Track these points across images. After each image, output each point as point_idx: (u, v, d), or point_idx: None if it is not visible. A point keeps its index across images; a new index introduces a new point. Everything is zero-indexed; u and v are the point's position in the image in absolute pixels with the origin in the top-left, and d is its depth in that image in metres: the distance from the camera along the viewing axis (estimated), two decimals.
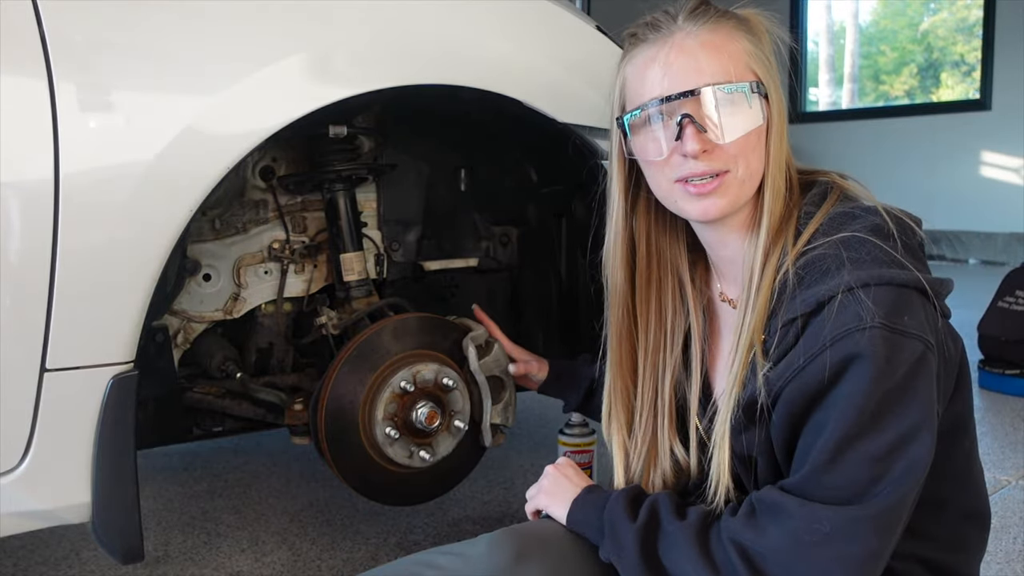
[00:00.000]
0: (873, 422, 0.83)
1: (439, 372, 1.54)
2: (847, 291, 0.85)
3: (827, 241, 0.91)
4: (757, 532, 0.86)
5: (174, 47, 1.16)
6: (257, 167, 1.66)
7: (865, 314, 0.83)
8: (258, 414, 1.64)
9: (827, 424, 0.85)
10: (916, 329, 0.85)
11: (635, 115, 0.98)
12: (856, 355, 0.83)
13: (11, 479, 1.12)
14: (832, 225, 0.93)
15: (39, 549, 1.77)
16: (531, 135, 1.66)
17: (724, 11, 0.98)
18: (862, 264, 0.87)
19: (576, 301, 1.83)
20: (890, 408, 0.83)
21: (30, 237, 1.08)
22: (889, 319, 0.84)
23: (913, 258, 0.91)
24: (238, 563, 1.71)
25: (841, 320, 0.84)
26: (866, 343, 0.83)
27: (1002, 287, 3.06)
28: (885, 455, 0.83)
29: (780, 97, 0.97)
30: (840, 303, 0.85)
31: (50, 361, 1.10)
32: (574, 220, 1.79)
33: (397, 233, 1.81)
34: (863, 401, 0.83)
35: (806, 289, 0.89)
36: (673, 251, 1.09)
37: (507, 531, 1.02)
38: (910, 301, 0.86)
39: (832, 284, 0.87)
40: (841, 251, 0.89)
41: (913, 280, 0.87)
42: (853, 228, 0.91)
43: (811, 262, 0.91)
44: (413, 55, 1.34)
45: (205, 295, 1.65)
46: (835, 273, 0.87)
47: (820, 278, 0.88)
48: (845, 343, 0.83)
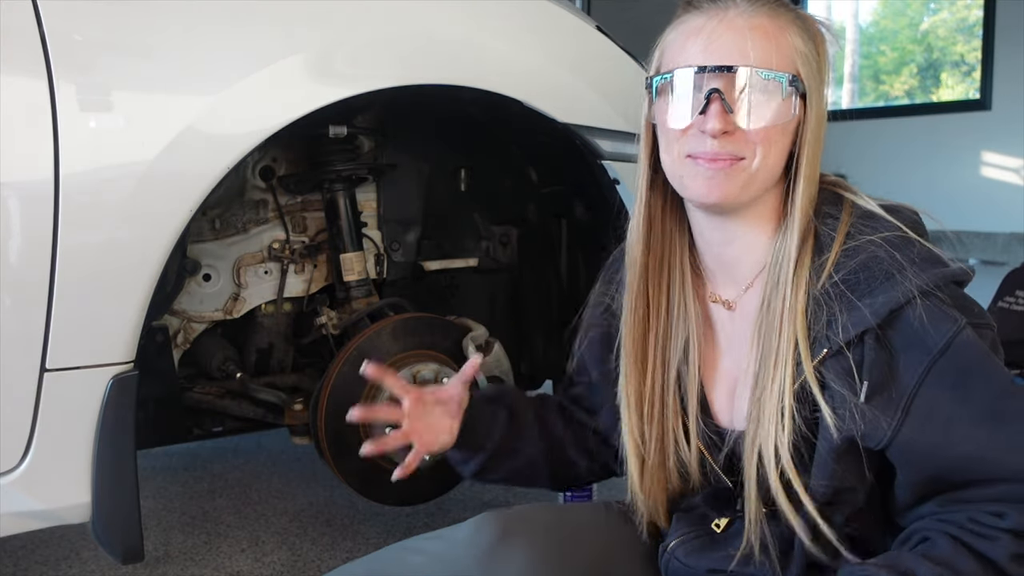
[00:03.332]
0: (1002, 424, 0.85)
1: (439, 372, 1.54)
2: (923, 294, 0.85)
3: (869, 241, 0.88)
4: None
5: (174, 47, 1.16)
6: (257, 167, 1.66)
7: (954, 314, 0.86)
8: (258, 414, 1.65)
9: (985, 434, 0.85)
10: (984, 317, 0.90)
11: (665, 78, 0.93)
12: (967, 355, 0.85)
13: (11, 479, 1.12)
14: (865, 224, 0.90)
15: (39, 549, 1.77)
16: (531, 135, 1.66)
17: (786, 4, 0.93)
18: (920, 265, 0.86)
19: (576, 301, 1.83)
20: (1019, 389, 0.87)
21: (30, 237, 1.08)
22: (968, 314, 0.87)
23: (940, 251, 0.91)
24: (238, 563, 1.71)
25: (936, 327, 0.85)
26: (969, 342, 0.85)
27: (1002, 287, 3.05)
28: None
29: (821, 105, 0.94)
30: (924, 307, 0.84)
31: (50, 361, 1.10)
32: (574, 220, 1.79)
33: (397, 233, 1.81)
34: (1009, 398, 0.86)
35: (869, 296, 0.86)
36: (682, 239, 1.03)
37: (491, 513, 1.02)
38: (965, 293, 0.91)
39: (902, 289, 0.85)
40: (892, 252, 0.87)
41: (961, 273, 0.89)
42: (891, 226, 0.90)
43: (862, 266, 0.87)
44: (413, 55, 1.34)
45: (205, 295, 1.65)
46: (899, 277, 0.85)
47: (881, 283, 0.86)
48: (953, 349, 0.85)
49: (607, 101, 1.51)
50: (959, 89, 7.18)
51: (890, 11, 8.16)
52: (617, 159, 1.52)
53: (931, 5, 7.69)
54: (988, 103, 6.29)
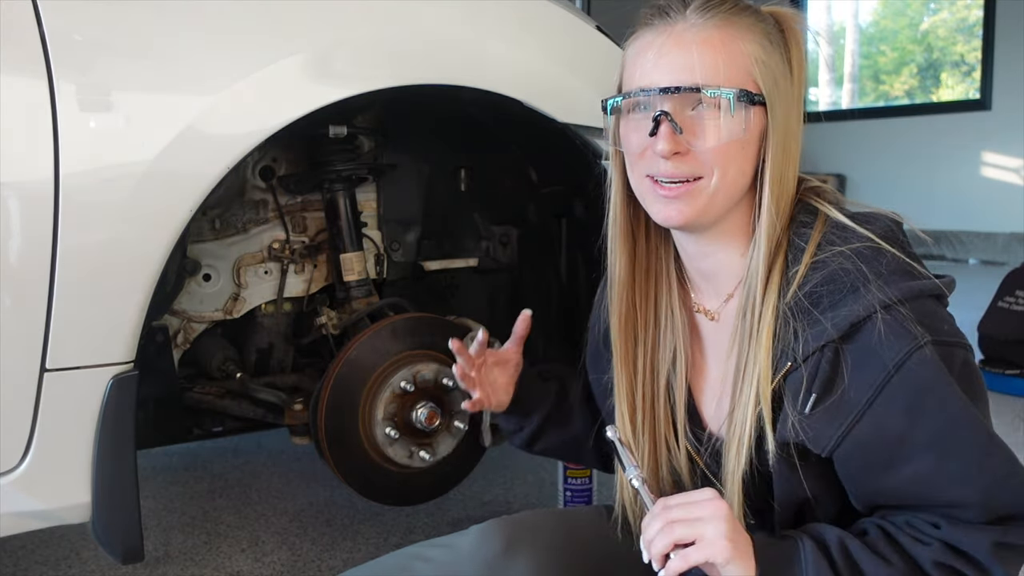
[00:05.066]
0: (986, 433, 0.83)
1: (439, 372, 1.54)
2: (885, 308, 0.81)
3: (839, 253, 0.86)
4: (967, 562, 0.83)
5: (174, 47, 1.16)
6: (257, 167, 1.66)
7: (916, 331, 0.81)
8: (258, 414, 1.65)
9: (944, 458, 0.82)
10: (956, 335, 0.84)
11: (618, 101, 0.93)
12: (924, 375, 0.81)
13: (11, 479, 1.12)
14: (837, 235, 0.88)
15: (39, 549, 1.77)
16: (531, 135, 1.66)
17: (745, 7, 0.90)
18: (888, 277, 0.83)
19: (576, 301, 1.83)
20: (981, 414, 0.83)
21: (30, 237, 1.08)
22: (935, 332, 0.82)
23: (915, 260, 0.88)
24: (238, 563, 1.71)
25: (893, 343, 0.81)
26: (928, 360, 0.80)
27: (1002, 287, 3.06)
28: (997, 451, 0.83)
29: (791, 110, 0.90)
30: (884, 323, 0.81)
31: (50, 361, 1.10)
32: (574, 220, 1.79)
33: (397, 233, 1.81)
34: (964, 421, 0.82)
35: (832, 309, 0.84)
36: (667, 250, 1.03)
37: (496, 521, 1.02)
38: (940, 309, 0.85)
39: (864, 303, 0.82)
40: (860, 264, 0.84)
41: (933, 287, 0.85)
42: (862, 238, 0.87)
43: (828, 278, 0.85)
44: (413, 55, 1.34)
45: (205, 295, 1.65)
46: (863, 290, 0.83)
47: (846, 296, 0.84)
48: (908, 367, 0.80)
49: None
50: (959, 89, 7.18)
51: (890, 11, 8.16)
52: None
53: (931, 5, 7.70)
54: (988, 103, 6.29)
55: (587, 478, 1.73)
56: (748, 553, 0.84)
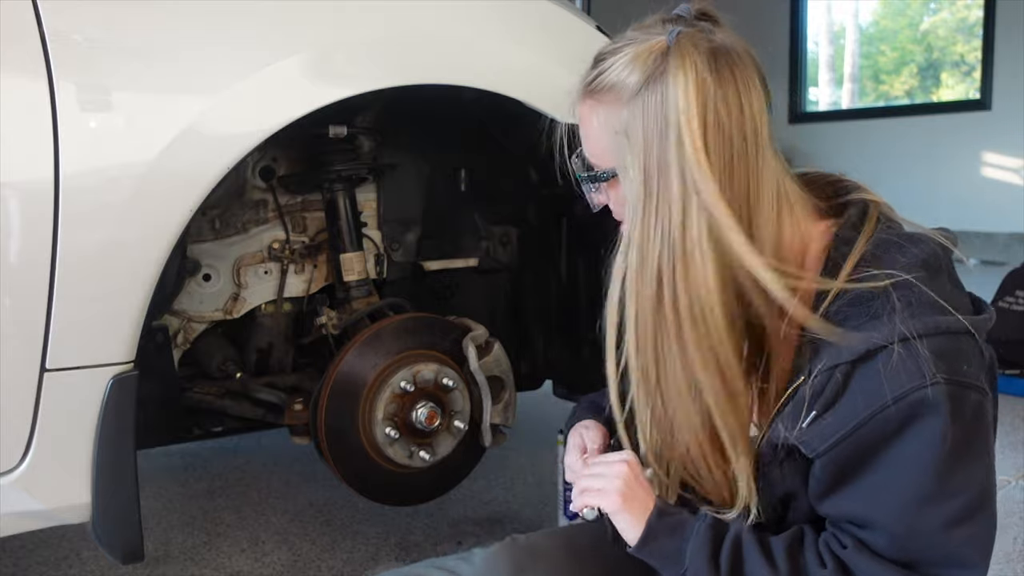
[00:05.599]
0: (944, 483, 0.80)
1: (439, 372, 1.54)
2: (903, 341, 0.79)
3: (872, 276, 0.84)
4: None
5: (174, 47, 1.16)
6: (257, 167, 1.66)
7: (927, 369, 0.78)
8: (258, 414, 1.65)
9: (893, 488, 0.81)
10: (974, 379, 0.81)
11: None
12: (922, 414, 0.78)
13: (11, 479, 1.12)
14: (877, 255, 0.86)
15: (39, 549, 1.77)
16: (531, 135, 1.66)
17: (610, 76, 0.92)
18: (915, 310, 0.81)
19: (576, 301, 1.83)
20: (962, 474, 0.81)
21: (30, 237, 1.08)
22: (951, 372, 0.79)
23: (961, 292, 0.87)
24: (238, 563, 1.71)
25: (900, 376, 0.79)
26: (931, 401, 0.78)
27: (1002, 287, 3.06)
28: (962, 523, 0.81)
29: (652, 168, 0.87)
30: (897, 355, 0.79)
31: (50, 361, 1.10)
32: (574, 220, 1.79)
33: (397, 233, 1.81)
34: (934, 465, 0.79)
35: (852, 332, 0.83)
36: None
37: (502, 546, 1.01)
38: (965, 348, 0.82)
39: (885, 332, 0.80)
40: (891, 291, 0.82)
41: (960, 325, 0.82)
42: (902, 263, 0.85)
43: (857, 300, 0.84)
44: (413, 55, 1.34)
45: (205, 295, 1.64)
46: (887, 319, 0.81)
47: (868, 322, 0.82)
48: (909, 402, 0.78)
49: None
50: (959, 89, 7.18)
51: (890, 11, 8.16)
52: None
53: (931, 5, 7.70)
54: (988, 103, 6.29)
55: None
56: (639, 511, 0.91)
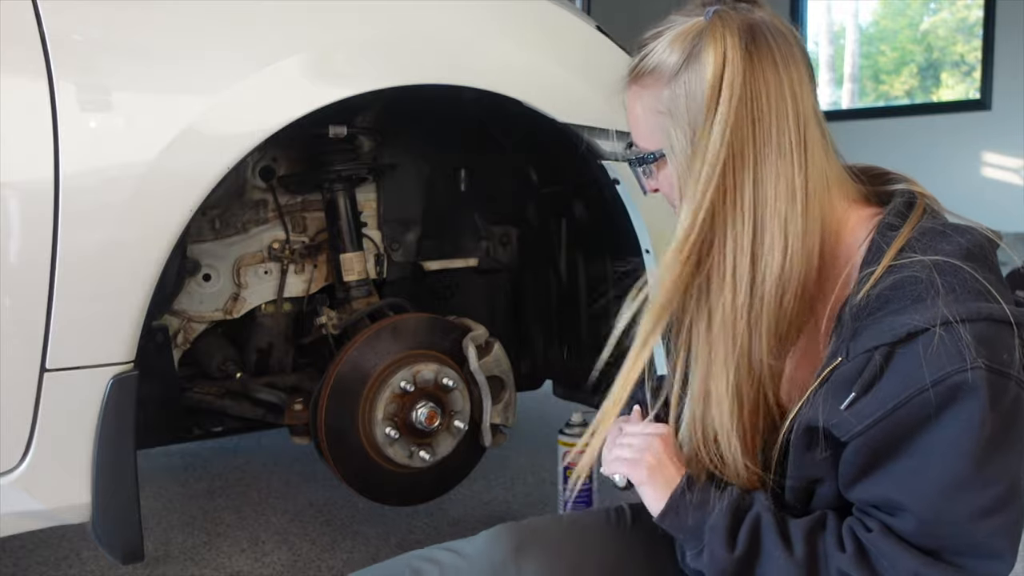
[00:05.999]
0: (979, 471, 0.79)
1: (439, 372, 1.54)
2: (944, 324, 0.79)
3: (917, 261, 0.84)
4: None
5: (174, 47, 1.16)
6: (257, 167, 1.66)
7: (967, 353, 0.77)
8: (258, 414, 1.65)
9: (926, 472, 0.80)
10: (1014, 369, 0.80)
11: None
12: (960, 398, 0.78)
13: (11, 479, 1.12)
14: (922, 243, 0.86)
15: (39, 549, 1.77)
16: (531, 135, 1.66)
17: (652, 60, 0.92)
18: (959, 295, 0.81)
19: (576, 301, 1.83)
20: (997, 463, 0.80)
21: (30, 237, 1.08)
22: (992, 359, 0.79)
23: (1004, 287, 0.86)
24: (238, 563, 1.71)
25: (940, 359, 0.78)
26: (971, 386, 0.77)
27: None
28: (994, 513, 0.80)
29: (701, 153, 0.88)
30: (939, 338, 0.79)
31: (50, 361, 1.10)
32: (574, 220, 1.79)
33: (397, 233, 1.81)
34: (971, 453, 0.78)
35: (895, 315, 0.83)
36: None
37: (504, 526, 1.03)
38: (1006, 338, 0.81)
39: (927, 315, 0.80)
40: (935, 276, 0.82)
41: (1003, 314, 0.82)
42: (946, 250, 0.85)
43: (899, 284, 0.84)
44: (413, 55, 1.34)
45: (205, 295, 1.65)
46: (930, 302, 0.81)
47: (911, 305, 0.82)
48: (948, 385, 0.78)
49: (607, 101, 1.51)
50: (959, 89, 7.18)
51: (890, 11, 8.16)
52: (617, 159, 1.52)
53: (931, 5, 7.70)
54: (988, 103, 6.29)
55: (587, 478, 1.73)
56: (665, 485, 0.93)
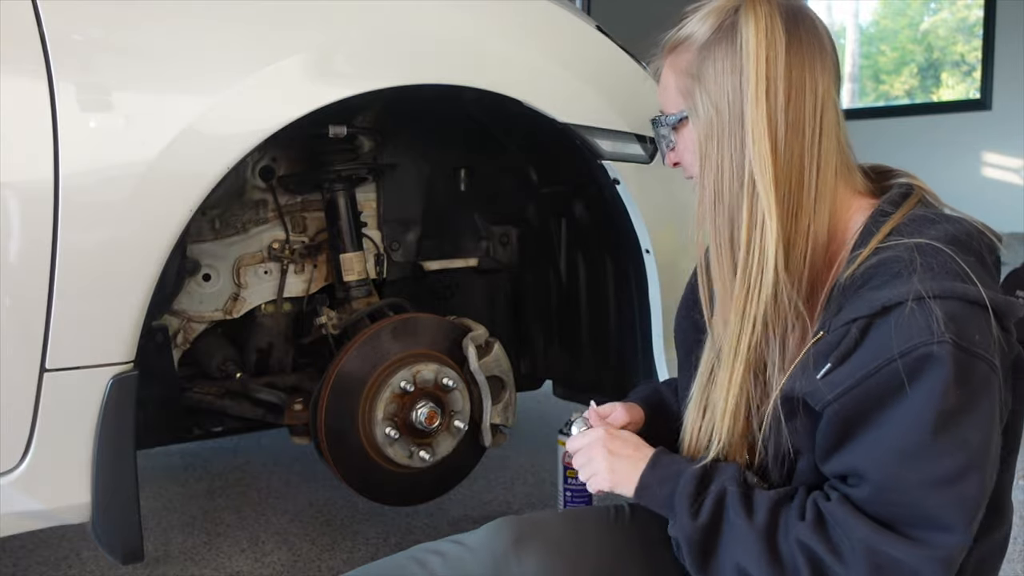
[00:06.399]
0: (935, 440, 0.80)
1: (439, 372, 1.54)
2: (917, 299, 0.81)
3: (902, 243, 0.87)
4: (829, 548, 0.84)
5: (174, 47, 1.16)
6: (257, 167, 1.66)
7: (936, 327, 0.80)
8: (258, 414, 1.65)
9: (886, 440, 0.82)
10: (984, 349, 0.82)
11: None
12: (925, 371, 0.80)
13: (11, 479, 1.12)
14: (910, 227, 0.89)
15: (39, 549, 1.77)
16: (531, 135, 1.66)
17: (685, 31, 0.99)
18: (936, 274, 0.83)
19: (576, 301, 1.83)
20: (954, 435, 0.80)
21: (30, 237, 1.08)
22: (961, 336, 0.80)
23: (988, 276, 0.88)
24: (238, 563, 1.71)
25: (910, 331, 0.81)
26: (936, 358, 0.79)
27: (1002, 287, 3.05)
28: (946, 484, 0.80)
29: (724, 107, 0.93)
30: (909, 311, 0.81)
31: (50, 361, 1.10)
32: (574, 220, 1.79)
33: (397, 233, 1.81)
34: (928, 423, 0.80)
35: (874, 290, 0.86)
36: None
37: (506, 519, 1.05)
38: (981, 320, 0.83)
39: (902, 289, 0.83)
40: (915, 256, 0.85)
41: (978, 295, 0.83)
42: (931, 235, 0.87)
43: (882, 262, 0.87)
44: (413, 55, 1.34)
45: (205, 295, 1.64)
46: (906, 278, 0.84)
47: (889, 281, 0.85)
48: (915, 356, 0.80)
49: (607, 101, 1.51)
50: (959, 89, 7.18)
51: (890, 11, 8.16)
52: (617, 159, 1.52)
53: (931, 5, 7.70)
54: (988, 103, 6.29)
55: None
56: (631, 471, 1.00)
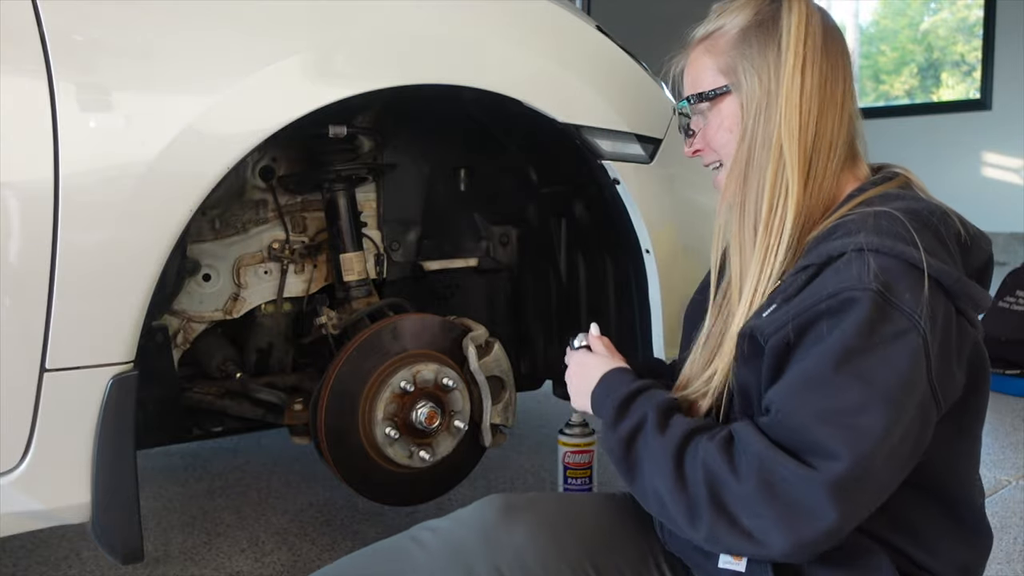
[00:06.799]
0: (837, 376, 0.83)
1: (439, 372, 1.54)
2: (857, 250, 0.87)
3: (865, 210, 0.93)
4: (729, 464, 0.87)
5: (174, 47, 1.16)
6: (257, 167, 1.66)
7: (866, 277, 0.85)
8: (258, 414, 1.65)
9: (797, 371, 0.87)
10: (911, 308, 0.84)
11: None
12: (844, 312, 0.84)
13: (11, 479, 1.12)
14: (877, 201, 0.95)
15: (39, 549, 1.77)
16: (531, 135, 1.66)
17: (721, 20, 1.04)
18: (882, 233, 0.88)
19: (576, 301, 1.83)
20: (856, 372, 0.83)
21: (30, 237, 1.08)
22: (887, 288, 0.84)
23: (944, 251, 0.90)
24: (238, 563, 1.71)
25: (843, 276, 0.86)
26: (856, 301, 0.84)
27: (1002, 287, 3.06)
28: (840, 415, 0.83)
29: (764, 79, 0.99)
30: (847, 260, 0.87)
31: (50, 361, 1.10)
32: (574, 220, 1.79)
33: (397, 233, 1.82)
34: (833, 356, 0.84)
35: (826, 243, 0.91)
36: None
37: (497, 494, 1.09)
38: (916, 282, 0.86)
39: (847, 241, 0.88)
40: (870, 219, 0.91)
41: (916, 258, 0.86)
42: (893, 206, 0.92)
43: (841, 223, 0.93)
44: (413, 55, 1.34)
45: (205, 295, 1.65)
46: (855, 234, 0.89)
47: (842, 236, 0.90)
48: (840, 299, 0.85)
49: (607, 101, 1.51)
50: (959, 89, 7.18)
51: (890, 11, 8.16)
52: (617, 159, 1.52)
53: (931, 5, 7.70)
54: (988, 103, 6.30)
55: (587, 478, 1.73)
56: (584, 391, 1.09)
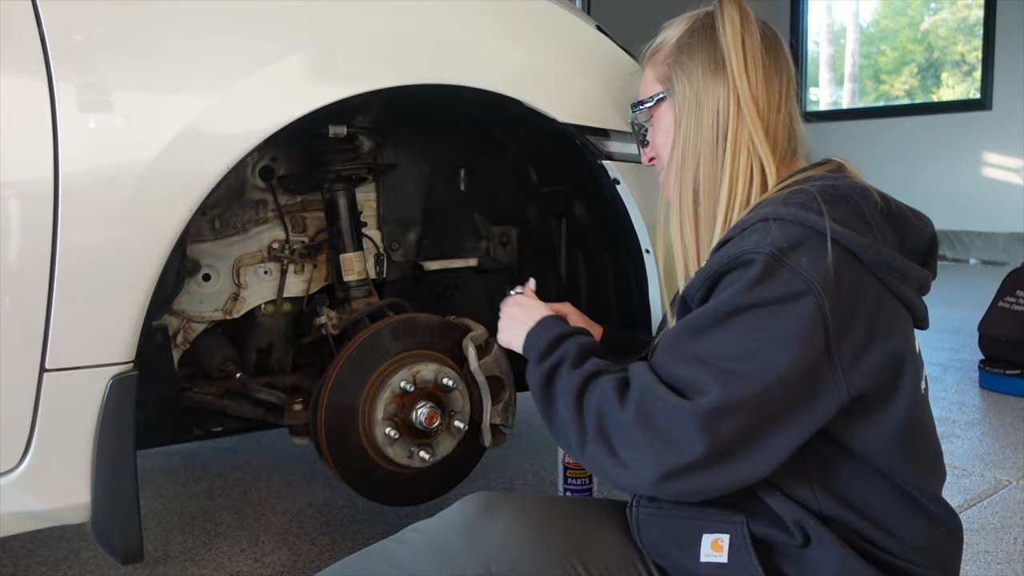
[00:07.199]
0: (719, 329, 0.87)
1: (439, 372, 1.53)
2: (763, 220, 0.91)
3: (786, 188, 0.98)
4: (618, 397, 0.92)
5: (174, 47, 1.16)
6: (257, 167, 1.66)
7: (763, 241, 0.88)
8: (258, 414, 1.64)
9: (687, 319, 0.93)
10: (806, 271, 0.86)
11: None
12: (738, 268, 0.88)
13: (11, 479, 1.12)
14: (800, 181, 0.98)
15: (39, 549, 1.77)
16: (531, 135, 1.66)
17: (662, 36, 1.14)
18: (789, 203, 0.92)
19: (576, 301, 1.83)
20: (741, 325, 0.86)
21: (30, 237, 1.08)
22: (781, 251, 0.87)
23: (861, 223, 0.91)
24: (238, 563, 1.71)
25: (745, 243, 0.89)
26: (750, 264, 0.87)
27: (1002, 287, 3.05)
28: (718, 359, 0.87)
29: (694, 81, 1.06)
30: (752, 228, 0.91)
31: (50, 361, 1.10)
32: (574, 220, 1.79)
33: (397, 233, 1.81)
34: (722, 309, 0.88)
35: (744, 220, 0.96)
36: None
37: (476, 492, 1.11)
38: (817, 247, 0.87)
39: (757, 212, 0.93)
40: (785, 193, 0.95)
41: (819, 225, 0.88)
42: (812, 184, 0.95)
43: (761, 202, 0.98)
44: (413, 55, 1.34)
45: (205, 295, 1.64)
46: (765, 206, 0.94)
47: (757, 211, 0.95)
48: (738, 261, 0.89)
49: (607, 101, 1.51)
50: (959, 89, 7.18)
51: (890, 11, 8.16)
52: (617, 159, 1.52)
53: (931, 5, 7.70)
54: (988, 103, 6.30)
55: (587, 478, 1.74)
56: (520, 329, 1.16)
